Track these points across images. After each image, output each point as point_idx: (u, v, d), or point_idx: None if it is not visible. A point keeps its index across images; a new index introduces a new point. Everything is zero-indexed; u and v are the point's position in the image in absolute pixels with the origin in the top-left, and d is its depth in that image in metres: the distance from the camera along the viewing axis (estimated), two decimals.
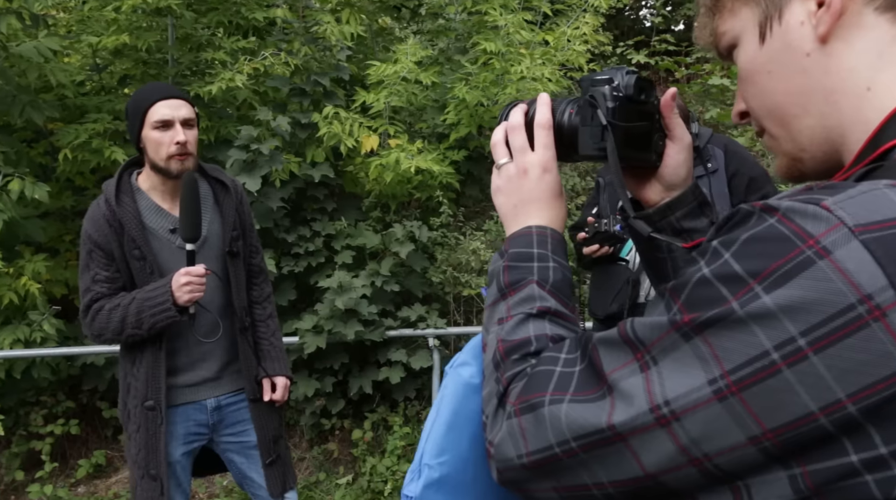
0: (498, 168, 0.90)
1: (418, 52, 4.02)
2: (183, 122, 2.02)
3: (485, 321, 0.82)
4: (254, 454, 2.23)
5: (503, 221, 0.90)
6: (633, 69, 0.86)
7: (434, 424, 0.83)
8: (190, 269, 1.98)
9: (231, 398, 2.21)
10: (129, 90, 4.23)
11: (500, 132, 0.91)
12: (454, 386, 0.84)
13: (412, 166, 3.80)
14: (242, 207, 2.25)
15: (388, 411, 4.04)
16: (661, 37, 6.67)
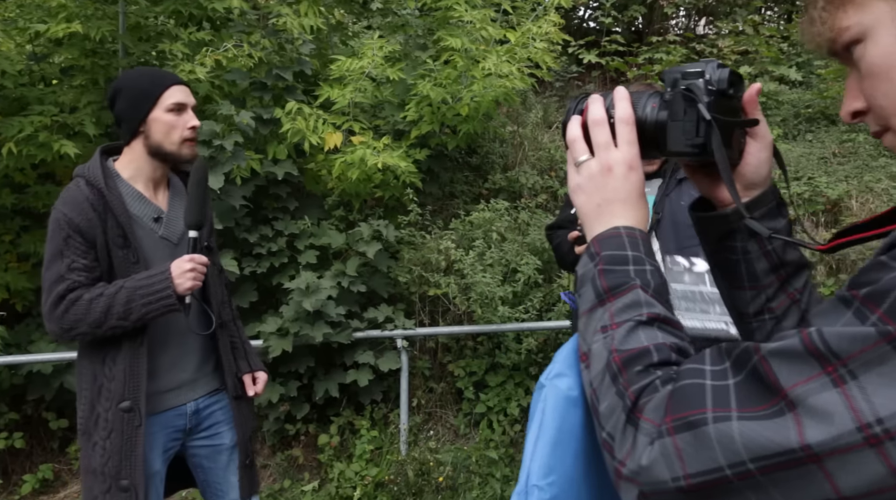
0: (577, 165, 0.85)
1: (385, 47, 3.93)
2: (192, 108, 2.00)
3: (581, 329, 0.77)
4: (222, 458, 2.14)
5: (583, 220, 0.85)
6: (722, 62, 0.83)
7: (538, 441, 0.77)
8: (194, 256, 1.90)
9: (208, 400, 2.11)
10: (77, 82, 3.98)
11: (577, 127, 0.87)
12: (555, 400, 0.79)
13: (379, 163, 3.72)
14: (208, 197, 2.15)
15: (353, 415, 3.94)
16: (612, 37, 6.77)
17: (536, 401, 0.81)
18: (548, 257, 4.00)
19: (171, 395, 2.03)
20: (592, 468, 0.80)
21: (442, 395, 4.09)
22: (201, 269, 1.91)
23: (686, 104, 0.81)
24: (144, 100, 1.94)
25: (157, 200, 2.02)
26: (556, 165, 5.47)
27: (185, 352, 2.04)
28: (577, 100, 0.93)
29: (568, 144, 0.88)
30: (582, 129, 0.87)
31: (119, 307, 1.85)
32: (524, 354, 3.83)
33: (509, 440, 3.82)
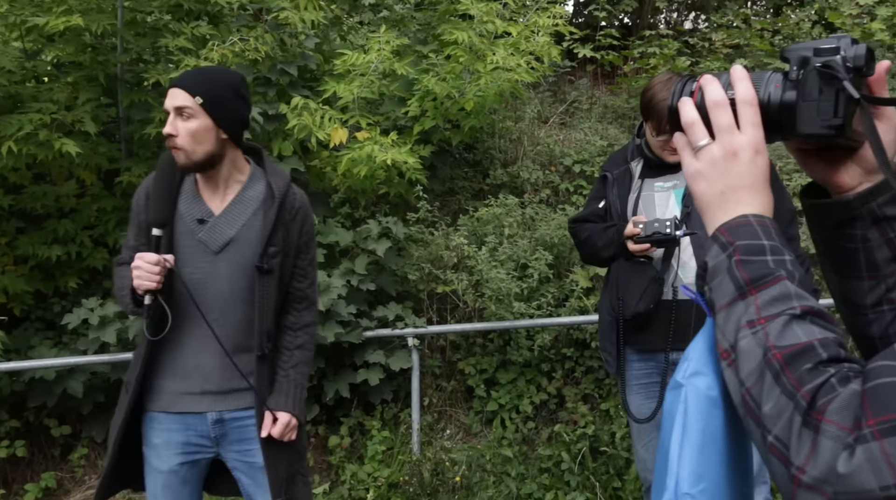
0: (697, 150, 0.81)
1: (392, 41, 3.86)
2: (176, 111, 1.86)
3: (720, 324, 0.73)
4: (259, 476, 2.04)
5: (703, 208, 0.81)
6: (856, 38, 0.79)
7: (684, 445, 0.73)
8: (143, 254, 1.81)
9: (239, 414, 2.00)
10: (71, 78, 3.87)
11: (693, 110, 0.82)
12: (696, 401, 0.75)
13: (387, 159, 3.66)
14: (294, 224, 2.02)
15: (363, 416, 3.88)
16: (606, 31, 6.76)
17: (674, 401, 0.77)
18: (558, 253, 3.97)
19: (191, 399, 1.97)
20: (734, 474, 0.76)
21: (452, 393, 4.04)
22: (147, 267, 1.78)
23: (822, 83, 0.76)
24: None
25: (211, 203, 1.96)
26: (556, 159, 5.44)
27: (206, 359, 1.95)
28: (682, 81, 0.88)
29: (685, 128, 0.83)
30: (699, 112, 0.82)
31: (118, 292, 1.98)
32: (537, 350, 3.79)
33: (522, 438, 3.79)
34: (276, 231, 1.96)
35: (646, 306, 2.23)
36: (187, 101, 1.86)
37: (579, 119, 6.38)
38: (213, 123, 1.87)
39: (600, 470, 3.46)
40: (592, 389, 3.85)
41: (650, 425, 2.40)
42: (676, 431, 0.74)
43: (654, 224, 2.15)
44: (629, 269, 2.28)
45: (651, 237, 2.15)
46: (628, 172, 2.41)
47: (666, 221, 2.14)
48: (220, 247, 1.93)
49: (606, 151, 5.48)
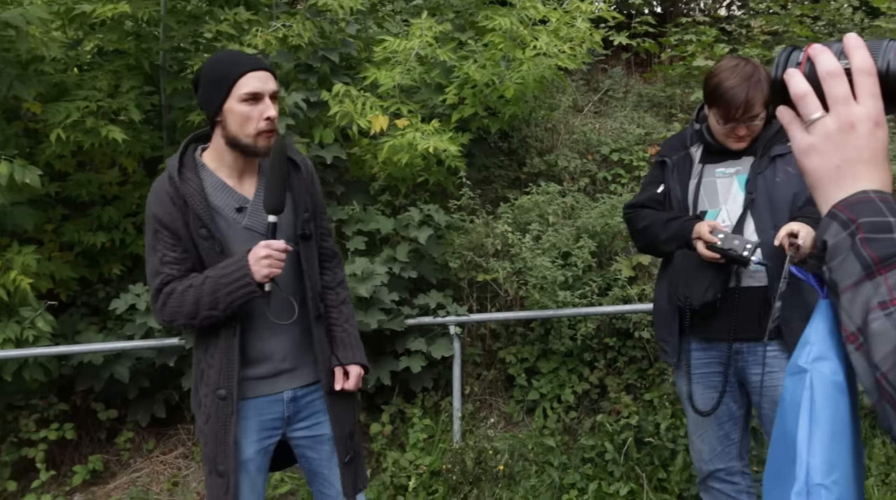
0: (809, 124, 0.78)
1: (434, 27, 3.83)
2: (271, 96, 1.87)
3: (846, 306, 0.69)
4: (325, 449, 2.08)
5: (816, 185, 0.78)
6: None
7: (813, 433, 0.70)
8: (270, 242, 1.83)
9: (307, 389, 2.05)
10: (114, 66, 3.90)
11: (804, 81, 0.78)
12: (822, 387, 0.72)
13: (429, 147, 3.64)
14: (314, 187, 2.09)
15: (403, 403, 3.88)
16: (643, 18, 6.65)
17: (798, 387, 0.74)
18: (600, 241, 3.93)
19: (266, 382, 1.99)
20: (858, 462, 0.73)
21: (493, 382, 4.02)
22: (278, 255, 1.82)
23: None
24: (219, 88, 1.86)
25: (242, 190, 1.96)
26: (593, 148, 5.39)
27: (280, 341, 1.98)
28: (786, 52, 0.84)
29: (795, 100, 0.79)
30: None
31: (206, 298, 1.85)
32: (579, 340, 3.76)
33: (564, 427, 3.76)
34: (304, 197, 2.01)
35: (714, 296, 2.19)
36: (276, 85, 1.90)
37: (613, 107, 6.30)
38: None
39: (644, 461, 3.43)
40: (635, 379, 3.81)
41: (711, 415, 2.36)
42: (803, 418, 0.71)
43: (734, 240, 2.10)
44: (694, 257, 2.24)
45: (726, 252, 2.10)
46: (688, 158, 2.36)
47: (747, 242, 2.09)
48: (266, 228, 1.92)
49: (644, 140, 5.41)
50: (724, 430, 2.39)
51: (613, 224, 3.98)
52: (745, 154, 2.28)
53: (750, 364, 2.27)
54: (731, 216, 2.25)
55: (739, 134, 2.20)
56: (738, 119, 2.16)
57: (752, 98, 2.11)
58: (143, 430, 3.85)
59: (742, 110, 2.13)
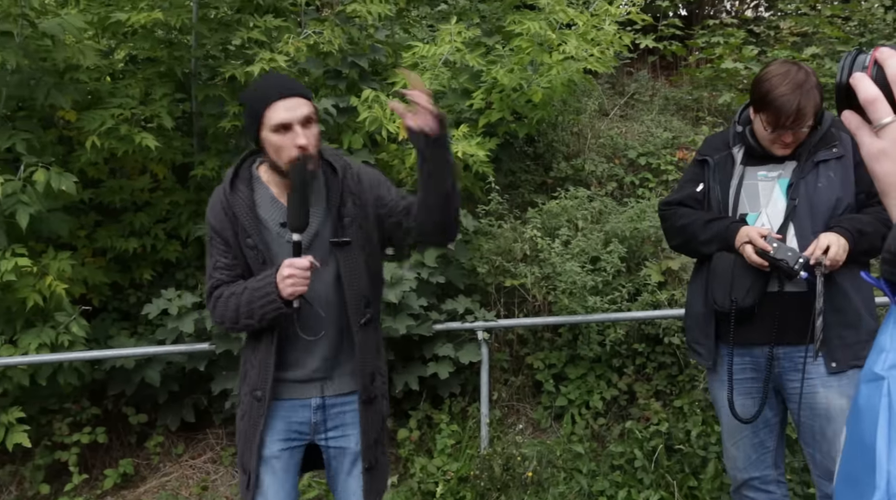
0: (880, 128, 0.76)
1: (463, 32, 3.83)
2: (303, 121, 1.87)
3: None
4: (346, 462, 2.09)
5: (887, 190, 0.76)
6: None
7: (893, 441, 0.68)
8: (293, 261, 1.85)
9: (339, 399, 2.05)
10: (145, 73, 3.95)
11: (872, 85, 0.77)
12: None
13: (458, 152, 3.64)
14: (361, 185, 2.01)
15: (431, 409, 3.88)
16: (669, 21, 6.61)
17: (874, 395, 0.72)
18: (629, 246, 3.89)
19: (297, 386, 2.02)
20: None
21: (520, 388, 4.00)
22: (301, 274, 1.84)
23: None
24: (252, 119, 1.91)
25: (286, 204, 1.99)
26: (620, 152, 5.35)
27: (315, 350, 2.00)
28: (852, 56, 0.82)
29: (864, 105, 0.78)
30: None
31: (244, 308, 1.92)
32: (608, 346, 3.73)
33: (592, 434, 3.73)
34: (346, 203, 1.98)
35: (753, 300, 2.16)
36: (310, 108, 1.91)
37: (640, 111, 6.26)
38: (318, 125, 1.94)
39: (675, 468, 3.39)
40: (665, 385, 3.77)
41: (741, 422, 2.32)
42: (882, 426, 0.70)
43: (787, 252, 2.07)
44: (733, 260, 2.20)
45: (777, 262, 2.07)
46: (730, 158, 2.33)
47: (800, 256, 2.06)
48: (309, 241, 1.96)
49: (672, 144, 5.36)
50: (760, 437, 2.36)
51: (642, 229, 3.94)
52: (788, 158, 2.24)
53: (787, 371, 2.24)
54: (772, 220, 2.21)
55: (786, 141, 2.17)
56: (787, 127, 2.12)
57: (803, 107, 2.08)
58: (173, 434, 3.88)
59: (793, 119, 2.10)
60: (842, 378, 2.19)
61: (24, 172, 3.19)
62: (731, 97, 5.76)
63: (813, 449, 2.27)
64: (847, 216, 2.16)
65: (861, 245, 2.10)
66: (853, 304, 2.16)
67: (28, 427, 3.37)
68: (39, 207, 3.07)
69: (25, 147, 3.21)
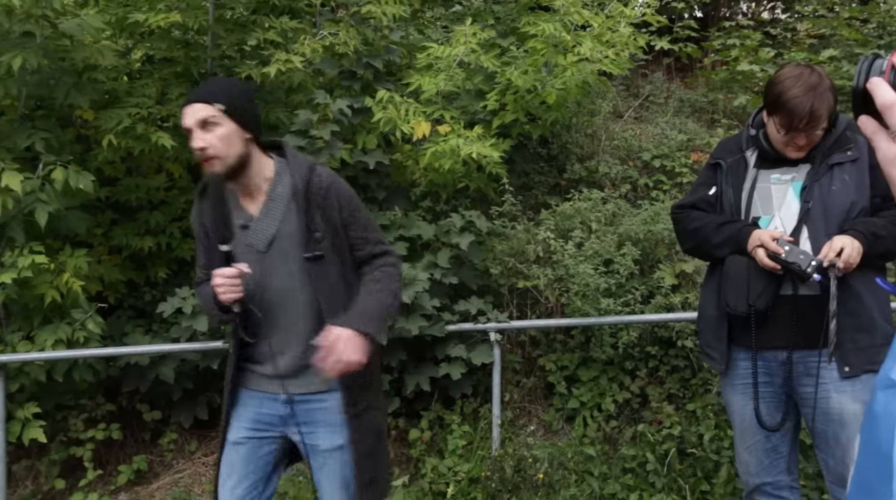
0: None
1: (478, 34, 3.84)
2: (200, 124, 1.89)
3: None
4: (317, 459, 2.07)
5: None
6: None
7: None
8: (222, 270, 1.92)
9: (310, 398, 2.06)
10: (161, 73, 3.98)
11: (890, 90, 0.77)
12: None
13: (473, 153, 3.64)
14: (329, 202, 2.00)
15: (442, 409, 3.88)
16: (685, 23, 6.57)
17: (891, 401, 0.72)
18: (643, 248, 3.88)
19: (264, 380, 2.07)
20: None
21: (532, 389, 4.00)
22: (228, 282, 1.90)
23: None
24: None
25: (249, 208, 2.03)
26: (634, 154, 5.33)
27: (285, 350, 2.03)
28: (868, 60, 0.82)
29: (882, 110, 0.77)
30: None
31: (204, 307, 2.07)
32: (621, 348, 3.72)
33: (604, 437, 3.72)
34: (314, 217, 1.98)
35: (765, 304, 2.15)
36: (209, 110, 1.90)
37: (654, 113, 6.23)
38: (236, 126, 1.92)
39: (687, 472, 3.37)
40: (678, 389, 3.75)
41: (754, 427, 2.31)
42: None
43: (799, 254, 2.05)
44: (746, 263, 2.19)
45: (789, 265, 2.06)
46: (743, 161, 2.32)
47: (812, 259, 2.04)
48: (266, 245, 1.99)
49: (687, 146, 5.34)
50: (773, 443, 2.34)
51: (656, 231, 3.93)
52: (802, 161, 2.23)
53: (800, 375, 2.22)
54: (785, 224, 2.20)
55: (799, 143, 2.16)
56: (800, 129, 2.11)
57: (816, 109, 2.07)
58: (186, 431, 3.91)
59: (806, 121, 2.08)
60: (855, 383, 2.17)
61: (43, 170, 3.23)
62: (747, 100, 5.73)
63: (826, 455, 2.25)
64: (861, 219, 2.14)
65: (876, 249, 2.08)
66: (867, 308, 2.14)
67: (44, 423, 3.41)
68: (57, 205, 3.11)
69: (44, 146, 3.25)
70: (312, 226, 1.98)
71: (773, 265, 2.10)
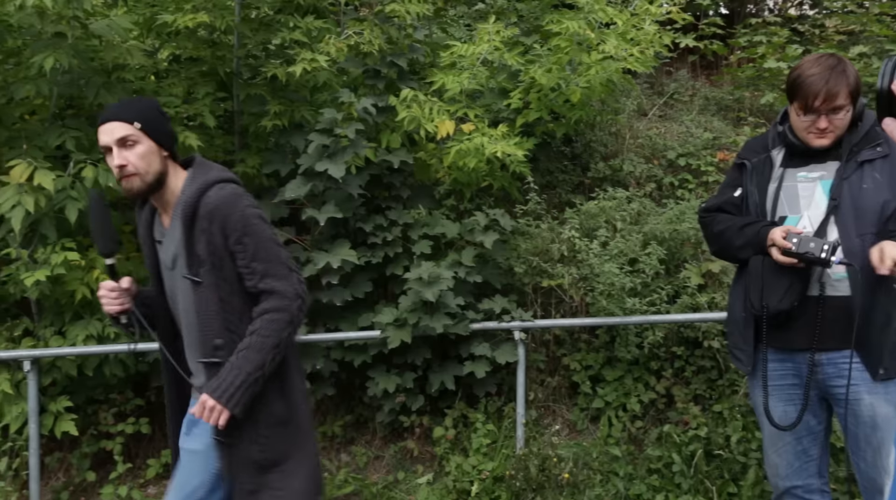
0: None
1: (502, 32, 3.83)
2: (119, 142, 1.90)
3: None
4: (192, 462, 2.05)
5: None
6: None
7: None
8: (105, 283, 2.01)
9: None
10: (187, 73, 4.02)
11: None
12: None
13: (497, 151, 3.64)
14: (214, 227, 1.91)
15: (466, 408, 3.89)
16: (710, 20, 6.50)
17: None
18: (668, 247, 3.85)
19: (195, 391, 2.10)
20: None
21: (556, 389, 3.99)
22: (108, 295, 1.99)
23: None
24: None
25: (165, 223, 2.05)
26: (659, 152, 5.29)
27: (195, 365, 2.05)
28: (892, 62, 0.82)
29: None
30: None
31: None
32: (647, 348, 3.70)
33: (629, 437, 3.70)
34: (197, 240, 1.93)
35: (790, 304, 2.12)
36: (128, 129, 1.91)
37: (679, 111, 6.18)
38: (154, 143, 1.94)
39: (714, 474, 3.34)
40: (704, 389, 3.72)
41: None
42: None
43: (808, 243, 2.02)
44: (770, 263, 2.17)
45: (802, 256, 2.03)
46: (769, 161, 2.29)
47: (824, 243, 2.01)
48: (171, 262, 2.01)
49: (713, 145, 5.28)
50: (803, 445, 2.31)
51: (682, 230, 3.90)
52: (830, 158, 2.20)
53: (831, 377, 2.19)
54: (814, 223, 2.17)
55: (820, 126, 2.11)
56: (818, 110, 2.07)
57: (833, 87, 2.04)
58: None
59: (822, 99, 2.05)
60: (889, 386, 2.14)
61: (74, 168, 3.28)
62: (774, 97, 5.66)
63: (857, 458, 2.22)
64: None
65: None
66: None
67: (75, 416, 3.48)
68: (87, 202, 3.15)
69: (75, 145, 3.30)
70: (193, 249, 1.93)
71: (789, 260, 2.07)
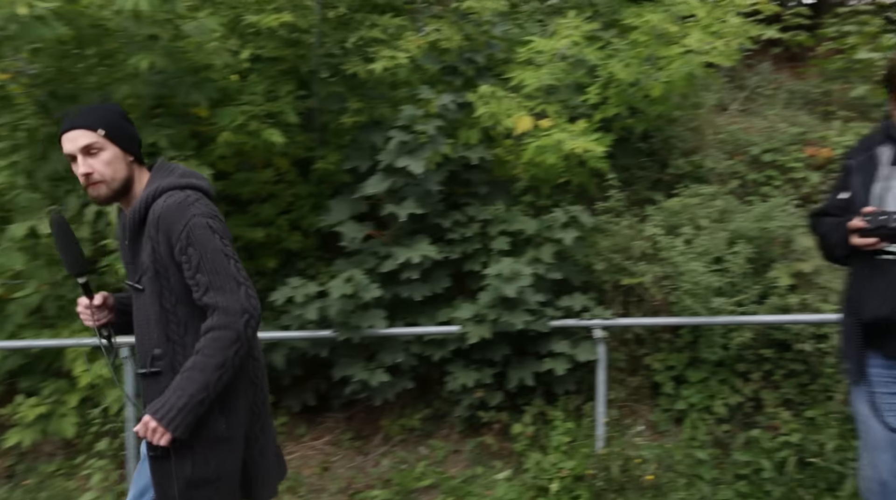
0: None
1: (581, 26, 3.77)
2: (83, 151, 1.87)
3: None
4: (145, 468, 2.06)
5: None
6: None
7: None
8: (81, 300, 2.03)
9: None
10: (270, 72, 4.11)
11: None
12: None
13: (577, 147, 3.58)
14: (160, 236, 1.85)
15: (544, 405, 3.84)
16: (795, 10, 6.24)
17: None
18: (757, 246, 3.71)
19: None
20: None
21: (637, 388, 3.90)
22: (83, 311, 2.02)
23: None
24: None
25: None
26: (742, 148, 5.11)
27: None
28: None
29: None
30: None
31: None
32: (733, 349, 3.57)
33: (714, 441, 3.59)
34: (143, 248, 1.89)
35: (889, 310, 2.00)
36: (91, 137, 1.88)
37: (762, 105, 5.95)
38: (119, 150, 1.90)
39: (807, 483, 3.20)
40: (795, 394, 3.57)
41: (887, 442, 2.16)
42: None
43: (880, 216, 1.91)
44: (870, 266, 2.05)
45: (877, 231, 1.91)
46: (873, 159, 2.17)
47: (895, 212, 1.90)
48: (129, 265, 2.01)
49: (800, 140, 5.07)
50: None
51: (770, 229, 3.75)
52: (886, 142, 2.08)
53: None
54: None
55: None
56: None
57: None
58: (296, 416, 4.03)
59: None
60: None
61: None
62: (866, 90, 5.39)
63: None
64: None
65: None
66: None
67: None
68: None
69: (167, 142, 3.42)
70: (139, 256, 1.91)
71: (867, 242, 1.96)
